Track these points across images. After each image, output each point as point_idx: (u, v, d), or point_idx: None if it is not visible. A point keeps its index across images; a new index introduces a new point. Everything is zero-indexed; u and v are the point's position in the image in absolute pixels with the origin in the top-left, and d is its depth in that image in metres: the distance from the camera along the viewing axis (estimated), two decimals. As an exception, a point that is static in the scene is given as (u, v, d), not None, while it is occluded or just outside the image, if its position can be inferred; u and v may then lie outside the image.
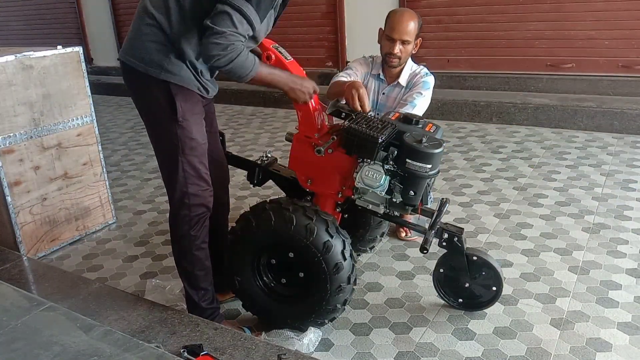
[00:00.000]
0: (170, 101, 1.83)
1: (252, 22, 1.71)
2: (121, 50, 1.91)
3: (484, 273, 2.13)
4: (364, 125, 1.96)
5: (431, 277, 2.26)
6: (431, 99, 2.61)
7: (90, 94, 2.98)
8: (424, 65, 2.74)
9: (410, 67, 2.68)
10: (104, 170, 3.14)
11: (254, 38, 1.82)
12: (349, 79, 2.48)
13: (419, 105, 2.54)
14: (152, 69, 1.81)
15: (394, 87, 2.69)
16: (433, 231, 2.10)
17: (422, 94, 2.57)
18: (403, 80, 2.66)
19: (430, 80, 2.63)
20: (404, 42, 2.53)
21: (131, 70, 1.86)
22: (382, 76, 2.70)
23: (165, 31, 1.79)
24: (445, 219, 2.25)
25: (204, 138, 1.96)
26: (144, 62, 1.82)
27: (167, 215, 2.06)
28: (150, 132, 1.97)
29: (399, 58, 2.56)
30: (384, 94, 2.72)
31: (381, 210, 2.09)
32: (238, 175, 3.79)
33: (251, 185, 2.44)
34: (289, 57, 2.05)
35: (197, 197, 1.94)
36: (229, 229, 2.18)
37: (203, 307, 2.07)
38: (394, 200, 2.05)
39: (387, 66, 2.64)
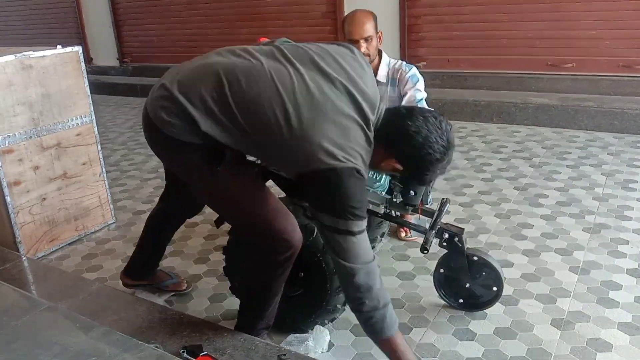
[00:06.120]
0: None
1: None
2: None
3: (484, 273, 2.13)
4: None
5: (431, 278, 2.26)
6: (432, 99, 2.63)
7: (89, 93, 2.98)
8: (404, 60, 2.77)
9: (386, 62, 2.71)
10: (104, 170, 3.13)
11: None
12: None
13: (423, 103, 2.58)
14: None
15: None
16: (433, 231, 2.10)
17: (420, 90, 2.60)
18: (381, 76, 2.68)
19: (416, 72, 2.67)
20: (366, 39, 2.58)
21: None
22: None
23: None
24: (445, 219, 2.24)
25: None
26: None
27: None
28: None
29: (369, 55, 2.61)
30: None
31: (381, 210, 2.09)
32: (238, 175, 3.79)
33: (251, 185, 2.43)
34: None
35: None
36: (229, 229, 2.18)
37: (257, 329, 1.95)
38: (394, 200, 2.05)
39: None
